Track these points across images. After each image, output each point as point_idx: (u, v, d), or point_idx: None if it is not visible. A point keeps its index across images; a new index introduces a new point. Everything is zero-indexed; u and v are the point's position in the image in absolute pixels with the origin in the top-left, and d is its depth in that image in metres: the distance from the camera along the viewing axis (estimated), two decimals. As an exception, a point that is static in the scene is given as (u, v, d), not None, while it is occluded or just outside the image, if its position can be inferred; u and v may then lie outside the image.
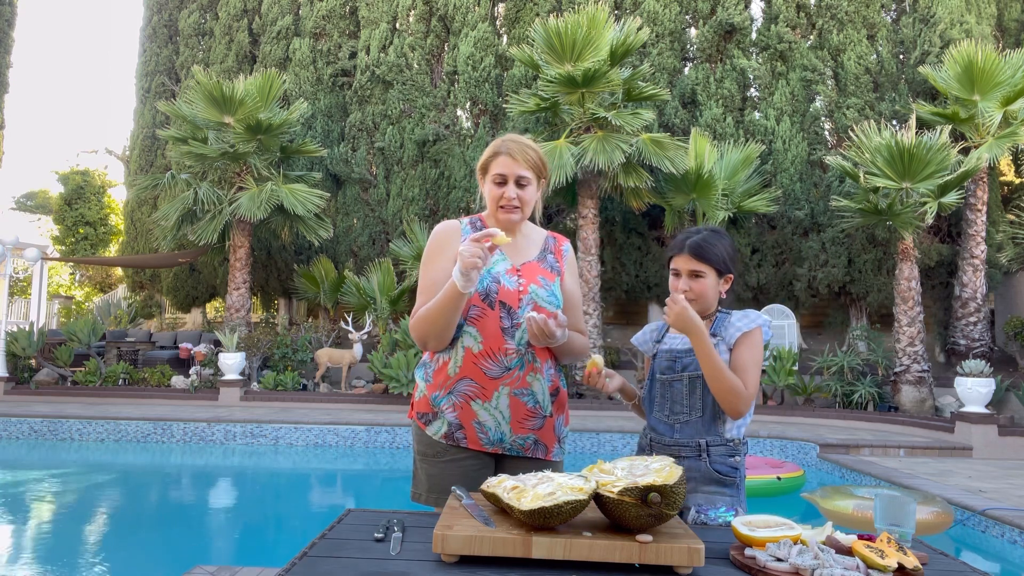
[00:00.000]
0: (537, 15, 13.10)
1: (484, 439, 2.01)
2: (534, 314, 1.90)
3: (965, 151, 10.57)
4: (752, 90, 12.78)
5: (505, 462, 2.07)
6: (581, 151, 10.42)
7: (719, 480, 1.93)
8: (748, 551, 1.41)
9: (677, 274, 2.00)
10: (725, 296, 2.03)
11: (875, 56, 12.10)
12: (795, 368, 10.36)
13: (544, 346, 1.98)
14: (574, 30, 10.52)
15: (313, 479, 7.49)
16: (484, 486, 1.55)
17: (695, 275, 1.97)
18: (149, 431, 8.67)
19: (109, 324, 16.04)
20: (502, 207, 2.03)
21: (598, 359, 1.94)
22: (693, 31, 13.14)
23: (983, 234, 10.66)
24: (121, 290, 19.34)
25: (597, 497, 1.43)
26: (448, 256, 2.05)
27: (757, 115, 12.53)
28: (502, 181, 2.02)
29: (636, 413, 2.18)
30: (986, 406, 8.32)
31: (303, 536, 5.11)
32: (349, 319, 12.14)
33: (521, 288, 2.01)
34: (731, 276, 2.01)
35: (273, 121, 12.06)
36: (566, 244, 2.19)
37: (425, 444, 2.07)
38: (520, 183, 2.02)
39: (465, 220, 2.15)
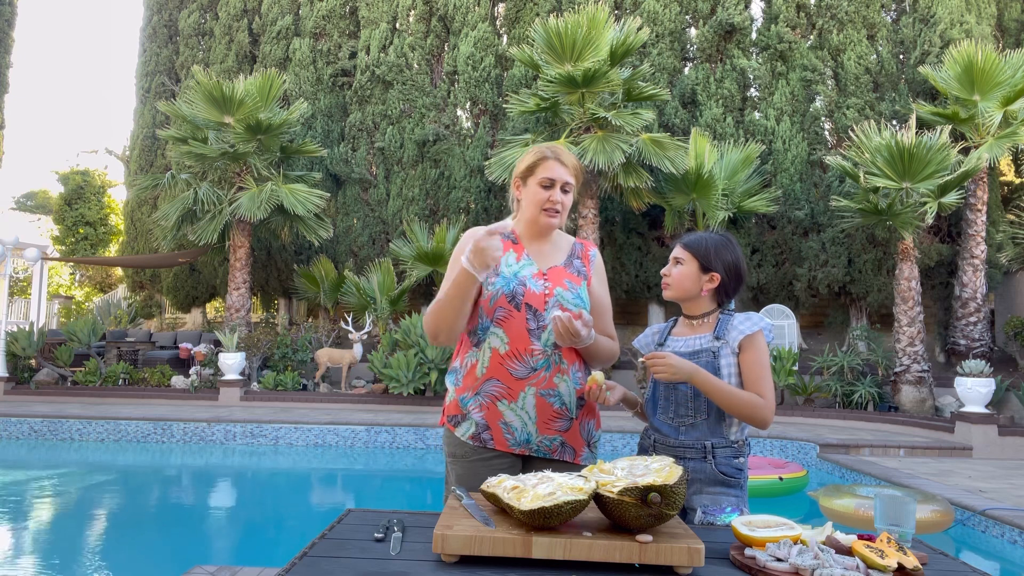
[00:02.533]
0: (537, 15, 13.10)
1: (511, 440, 2.02)
2: (559, 312, 1.91)
3: (965, 151, 10.57)
4: (752, 90, 12.77)
5: (532, 463, 2.06)
6: (581, 151, 10.41)
7: (724, 481, 1.94)
8: (748, 551, 1.41)
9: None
10: (707, 293, 2.03)
11: (875, 56, 12.10)
12: (795, 368, 10.36)
13: (571, 346, 1.99)
14: (574, 30, 10.52)
15: (313, 479, 7.49)
16: (484, 486, 1.55)
17: (677, 261, 2.06)
18: (149, 431, 8.68)
19: (109, 324, 16.04)
20: (545, 210, 2.07)
21: (598, 375, 1.94)
22: (693, 31, 13.14)
23: (983, 234, 10.66)
24: (121, 290, 19.34)
25: (597, 497, 1.43)
26: None
27: (757, 115, 12.53)
28: (550, 184, 2.06)
29: (640, 419, 2.18)
30: (986, 406, 8.32)
31: (303, 536, 5.12)
32: (349, 319, 12.14)
33: (547, 291, 2.03)
34: (716, 276, 2.02)
35: (273, 121, 12.06)
36: (594, 249, 2.21)
37: (455, 445, 2.10)
38: (565, 189, 2.08)
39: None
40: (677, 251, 2.06)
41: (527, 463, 2.07)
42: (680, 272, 2.04)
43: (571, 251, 2.17)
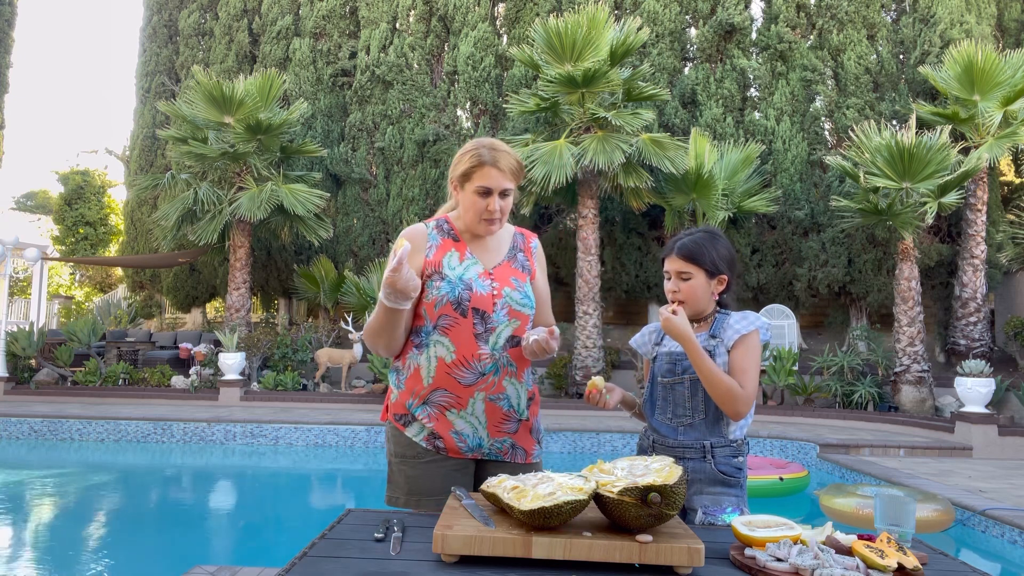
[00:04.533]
0: (537, 15, 13.09)
1: (463, 447, 2.00)
2: (536, 336, 1.88)
3: (965, 151, 10.56)
4: (752, 90, 12.77)
5: (486, 466, 2.05)
6: (581, 151, 10.41)
7: (724, 481, 1.94)
8: (748, 551, 1.41)
9: (669, 276, 2.01)
10: (718, 296, 2.02)
11: (875, 56, 12.10)
12: (795, 368, 10.35)
13: (539, 359, 1.97)
14: (574, 30, 10.52)
15: (313, 479, 7.49)
16: (484, 486, 1.55)
17: (683, 276, 1.98)
18: (149, 431, 8.67)
19: (109, 324, 16.03)
20: (486, 219, 1.99)
21: (598, 380, 1.94)
22: (693, 31, 13.14)
23: (983, 234, 10.66)
24: (121, 290, 19.34)
25: (597, 497, 1.42)
26: (412, 263, 2.00)
27: (757, 115, 12.53)
28: (486, 193, 1.96)
29: (638, 419, 2.17)
30: (986, 406, 8.32)
31: (303, 536, 5.09)
32: (349, 319, 12.14)
33: (495, 292, 1.98)
34: (725, 277, 1.99)
35: (273, 121, 12.05)
36: (534, 240, 2.16)
37: (404, 446, 2.04)
38: (503, 194, 1.98)
39: (432, 223, 2.09)
40: (678, 264, 1.97)
41: (480, 466, 2.05)
42: (692, 287, 1.97)
43: (513, 243, 2.10)
